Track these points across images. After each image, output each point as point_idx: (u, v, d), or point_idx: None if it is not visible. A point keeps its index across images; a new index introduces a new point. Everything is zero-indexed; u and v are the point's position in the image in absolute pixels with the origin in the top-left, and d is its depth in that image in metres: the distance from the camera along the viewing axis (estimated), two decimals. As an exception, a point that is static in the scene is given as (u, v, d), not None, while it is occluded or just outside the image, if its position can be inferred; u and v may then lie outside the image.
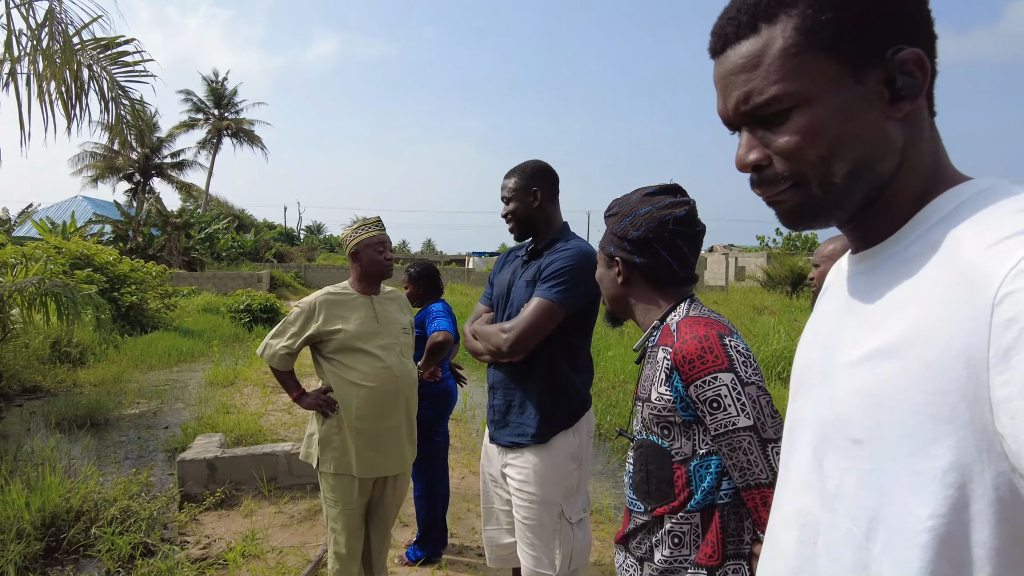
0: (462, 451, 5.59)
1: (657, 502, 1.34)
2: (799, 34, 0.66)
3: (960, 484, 0.58)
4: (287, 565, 3.42)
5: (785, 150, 0.69)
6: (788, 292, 20.71)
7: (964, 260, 0.60)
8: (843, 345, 0.72)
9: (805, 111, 0.67)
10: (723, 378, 1.22)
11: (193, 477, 4.36)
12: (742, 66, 0.69)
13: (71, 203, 33.48)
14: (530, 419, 2.13)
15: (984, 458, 0.56)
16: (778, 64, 0.67)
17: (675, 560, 1.31)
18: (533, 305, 2.06)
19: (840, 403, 0.70)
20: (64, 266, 10.57)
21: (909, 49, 0.66)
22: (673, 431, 1.32)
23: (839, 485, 0.69)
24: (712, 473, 1.29)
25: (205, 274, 22.96)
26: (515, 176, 2.26)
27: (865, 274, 0.74)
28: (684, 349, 1.27)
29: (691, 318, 1.35)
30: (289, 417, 6.66)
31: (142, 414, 6.87)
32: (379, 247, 2.71)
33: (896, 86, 0.66)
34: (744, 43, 0.69)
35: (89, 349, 9.46)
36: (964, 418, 0.57)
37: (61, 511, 3.62)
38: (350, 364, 2.62)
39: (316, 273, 31.00)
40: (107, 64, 6.30)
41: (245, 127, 40.77)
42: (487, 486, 2.34)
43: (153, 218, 23.95)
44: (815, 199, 0.70)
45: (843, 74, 0.66)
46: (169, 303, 13.56)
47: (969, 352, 0.56)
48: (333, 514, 2.63)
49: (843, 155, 0.67)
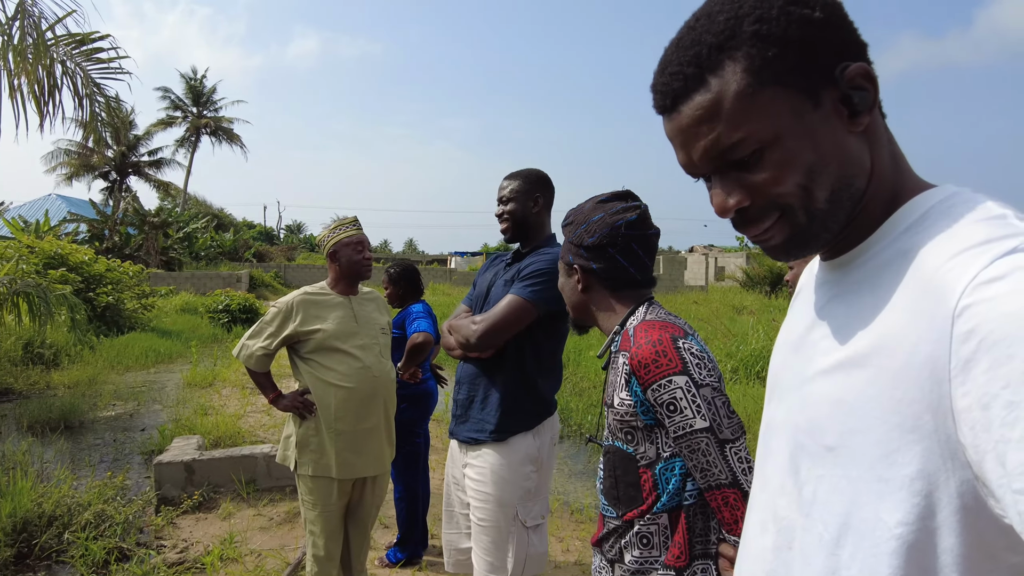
0: (443, 452, 5.57)
1: (627, 507, 1.35)
2: (749, 75, 0.66)
3: (927, 492, 0.59)
4: (266, 568, 3.39)
5: (765, 185, 0.69)
6: (767, 292, 20.95)
7: (927, 270, 0.61)
8: (815, 353, 0.73)
9: (775, 147, 0.68)
10: (677, 381, 1.23)
11: (170, 480, 4.30)
12: (700, 118, 0.69)
13: (44, 201, 32.88)
14: (491, 415, 2.13)
15: (949, 466, 0.58)
16: (738, 108, 0.67)
17: (645, 561, 1.32)
18: (505, 301, 2.08)
19: (813, 409, 0.71)
20: (37, 265, 10.37)
21: (854, 64, 0.67)
22: (636, 436, 1.34)
23: (814, 492, 0.70)
24: (676, 475, 1.30)
25: (183, 274, 22.68)
26: (519, 179, 2.29)
27: (835, 282, 0.75)
28: (640, 354, 1.28)
29: (647, 322, 1.37)
30: (268, 419, 6.60)
31: (118, 416, 6.77)
32: (357, 247, 2.70)
33: (852, 102, 0.67)
34: (696, 96, 0.69)
35: (63, 350, 9.29)
36: (929, 427, 0.58)
37: (33, 516, 3.55)
38: (328, 365, 2.60)
39: (296, 273, 30.73)
40: (81, 60, 6.19)
41: (224, 125, 40.25)
42: (449, 488, 2.34)
43: (130, 217, 23.61)
44: (802, 228, 0.71)
45: (801, 102, 0.67)
46: (146, 303, 13.39)
47: (932, 363, 0.57)
48: (312, 516, 2.61)
49: (821, 180, 0.68)
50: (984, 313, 0.54)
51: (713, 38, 0.67)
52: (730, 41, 0.67)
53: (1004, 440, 0.52)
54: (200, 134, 39.61)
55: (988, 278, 0.55)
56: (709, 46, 0.67)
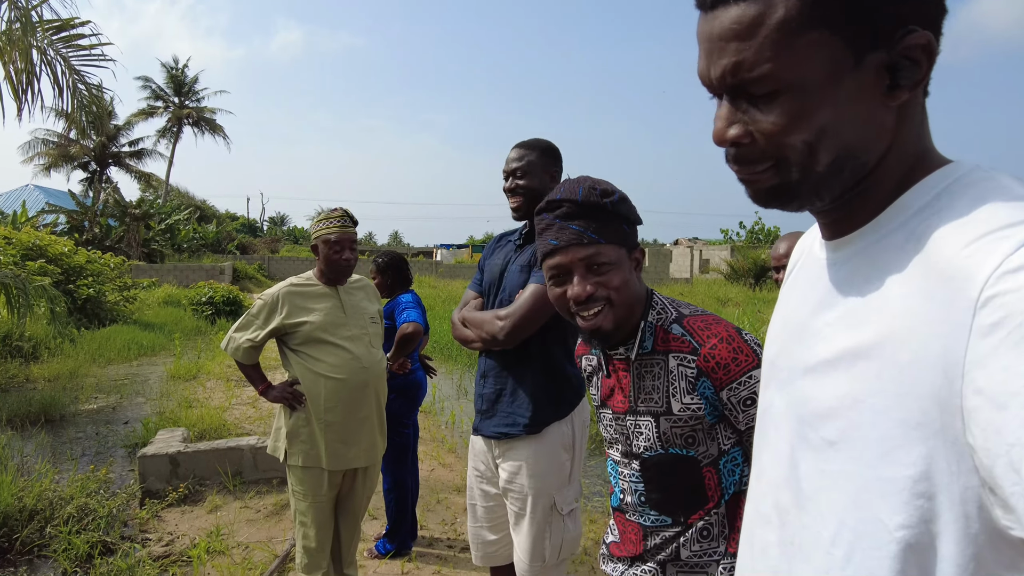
0: (432, 443, 5.56)
1: (692, 510, 1.28)
2: (801, 7, 0.59)
3: (930, 495, 0.55)
4: (253, 561, 3.36)
5: (769, 132, 0.64)
6: (751, 284, 21.12)
7: (944, 256, 0.57)
8: (818, 340, 0.69)
9: (796, 94, 0.62)
10: (756, 375, 1.19)
11: (155, 473, 4.25)
12: (734, 32, 0.62)
13: (22, 192, 32.28)
14: (522, 408, 2.04)
15: (954, 470, 0.54)
16: (774, 39, 0.60)
17: (704, 554, 1.27)
18: (530, 291, 1.96)
19: (815, 401, 0.67)
20: (15, 257, 10.18)
21: (919, 32, 0.59)
22: (698, 437, 1.26)
23: (814, 487, 0.67)
24: (739, 465, 1.26)
25: (166, 266, 22.40)
26: (535, 151, 2.12)
27: (840, 264, 0.70)
28: (717, 355, 1.21)
29: (700, 317, 1.28)
30: (254, 411, 6.54)
31: (100, 409, 6.67)
32: (336, 247, 2.61)
33: (897, 72, 0.60)
34: (738, 6, 0.62)
35: (43, 343, 9.13)
36: (935, 426, 0.54)
37: (13, 511, 3.49)
38: (317, 356, 2.57)
39: (280, 265, 30.49)
40: (61, 47, 6.06)
41: (206, 116, 39.76)
42: (471, 481, 2.26)
43: (111, 208, 23.23)
44: (793, 183, 0.66)
45: (843, 56, 0.60)
46: (128, 296, 13.20)
47: (946, 356, 0.53)
48: (302, 507, 2.58)
49: (829, 144, 0.63)
50: (1013, 304, 0.49)
51: None
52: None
53: (1021, 444, 0.47)
54: (182, 124, 39.11)
55: (1015, 266, 0.51)
56: None
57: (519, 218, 2.18)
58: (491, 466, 2.17)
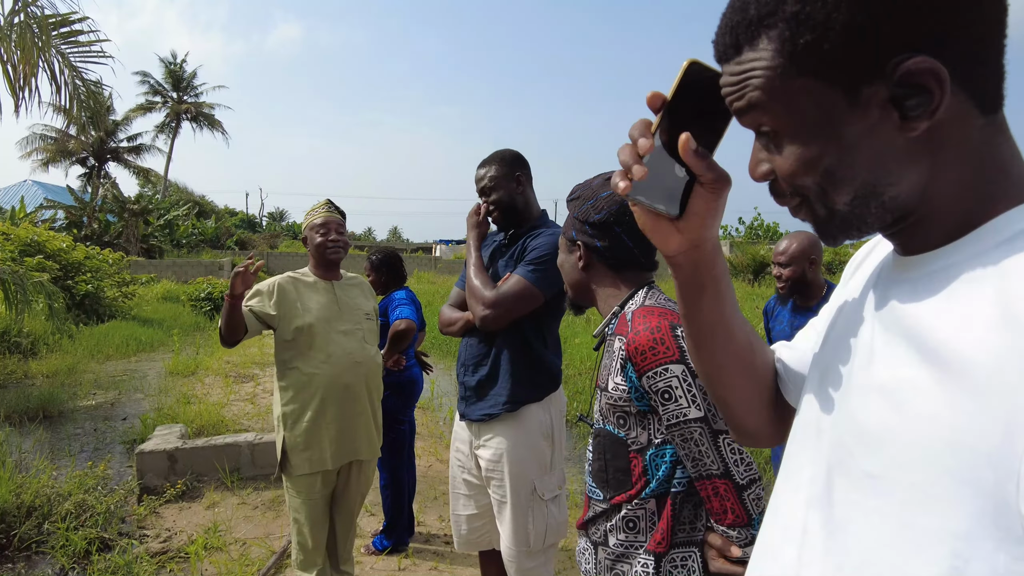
0: (428, 439, 5.58)
1: (615, 491, 1.35)
2: (780, 58, 0.59)
3: (968, 557, 0.50)
4: (251, 557, 3.38)
5: (783, 172, 0.64)
6: (750, 280, 21.10)
7: (1019, 299, 0.51)
8: (875, 360, 0.64)
9: (793, 140, 0.62)
10: (674, 369, 1.22)
11: (153, 469, 4.26)
12: (731, 83, 0.65)
13: (20, 187, 32.29)
14: (502, 388, 2.16)
15: (999, 536, 0.48)
16: (762, 88, 0.61)
17: (629, 545, 1.32)
18: (514, 280, 2.09)
19: (860, 427, 0.62)
20: (13, 253, 10.18)
21: (916, 58, 0.54)
22: (629, 421, 1.33)
23: (845, 517, 0.62)
24: (667, 462, 1.30)
25: (164, 262, 22.37)
26: (494, 165, 2.23)
27: (907, 284, 0.64)
28: (637, 340, 1.26)
29: (645, 308, 1.35)
30: (252, 407, 6.55)
31: (99, 405, 6.68)
32: (320, 229, 2.65)
33: (904, 103, 0.56)
34: (731, 63, 0.64)
35: (41, 339, 9.15)
36: (987, 485, 0.49)
37: (11, 507, 3.50)
38: (310, 350, 2.58)
39: (279, 260, 30.41)
40: (59, 43, 6.04)
41: (205, 111, 39.72)
42: (453, 469, 2.38)
43: (109, 204, 23.18)
44: (824, 221, 0.65)
45: (834, 99, 0.58)
46: (127, 292, 13.20)
47: (1009, 412, 0.48)
48: (296, 504, 2.60)
49: (840, 184, 0.61)
50: None
51: (756, 9, 0.60)
52: (770, 17, 0.59)
53: None
54: (180, 120, 39.08)
55: None
56: (751, 17, 0.61)
57: (501, 229, 2.32)
58: (471, 453, 2.29)
